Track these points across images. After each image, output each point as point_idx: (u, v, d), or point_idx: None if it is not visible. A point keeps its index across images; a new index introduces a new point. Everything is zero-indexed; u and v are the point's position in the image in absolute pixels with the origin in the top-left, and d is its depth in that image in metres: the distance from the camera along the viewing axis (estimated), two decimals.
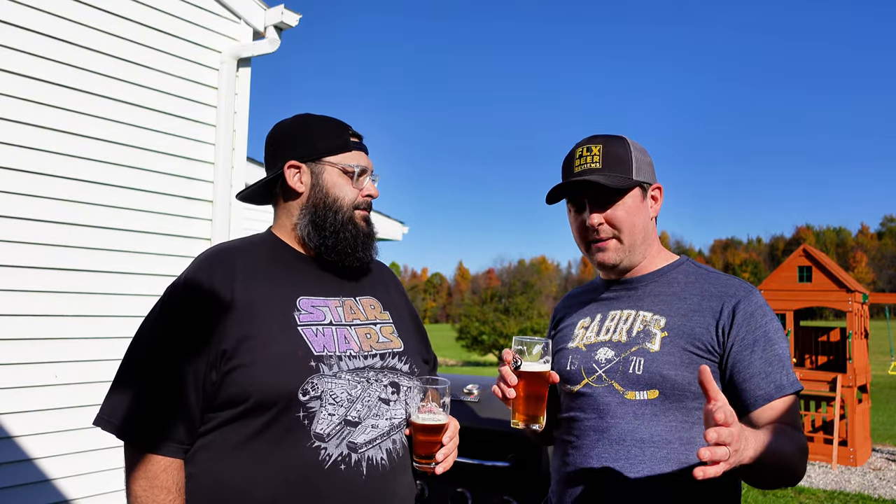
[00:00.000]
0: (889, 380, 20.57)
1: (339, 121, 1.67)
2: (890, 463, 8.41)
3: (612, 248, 1.67)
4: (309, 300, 1.55)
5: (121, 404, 1.42)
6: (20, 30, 3.45)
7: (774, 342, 1.55)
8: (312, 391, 1.42)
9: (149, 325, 1.48)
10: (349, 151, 1.62)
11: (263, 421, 1.40)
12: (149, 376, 1.42)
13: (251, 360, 1.41)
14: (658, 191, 1.72)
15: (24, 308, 3.46)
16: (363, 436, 1.46)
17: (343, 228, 1.58)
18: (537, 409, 1.56)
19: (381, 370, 1.54)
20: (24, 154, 3.46)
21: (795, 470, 1.45)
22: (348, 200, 1.60)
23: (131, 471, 1.40)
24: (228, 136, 4.34)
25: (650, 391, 1.55)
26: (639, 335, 1.62)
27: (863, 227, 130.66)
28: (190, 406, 1.41)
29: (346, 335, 1.54)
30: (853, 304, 8.37)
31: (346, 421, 1.45)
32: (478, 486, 2.65)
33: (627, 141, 1.69)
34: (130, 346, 1.48)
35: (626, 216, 1.65)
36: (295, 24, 4.51)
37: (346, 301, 1.61)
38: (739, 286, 1.62)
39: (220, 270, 1.50)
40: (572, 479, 1.63)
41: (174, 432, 1.40)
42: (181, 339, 1.43)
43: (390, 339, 1.62)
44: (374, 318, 1.62)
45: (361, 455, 1.45)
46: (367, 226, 1.64)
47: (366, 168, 1.63)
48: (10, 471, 3.38)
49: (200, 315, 1.44)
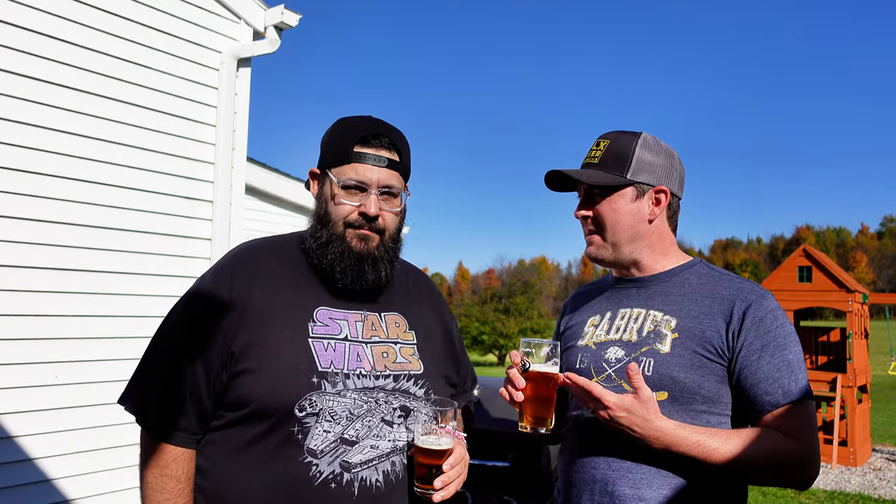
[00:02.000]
0: (889, 380, 20.57)
1: (365, 126, 1.55)
2: (890, 463, 8.41)
3: (596, 244, 1.70)
4: (328, 311, 1.52)
5: (141, 392, 1.48)
6: (20, 30, 3.44)
7: (784, 347, 1.53)
8: (310, 408, 1.42)
9: (172, 320, 1.52)
10: (348, 164, 1.51)
11: (260, 430, 1.42)
12: (168, 369, 1.46)
13: (256, 367, 1.42)
14: (663, 194, 1.67)
15: (24, 308, 3.46)
16: (359, 455, 1.44)
17: (328, 244, 1.52)
18: (545, 411, 1.55)
19: (392, 392, 1.50)
20: (24, 154, 3.46)
21: (766, 476, 1.50)
22: (338, 216, 1.52)
23: (145, 459, 1.46)
24: (228, 136, 4.34)
25: (659, 392, 1.55)
26: (649, 335, 1.61)
27: (863, 227, 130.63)
28: (202, 400, 1.45)
29: (360, 353, 1.50)
30: (853, 304, 8.37)
31: (342, 439, 1.43)
32: (478, 486, 2.65)
33: (639, 139, 1.67)
34: (154, 338, 1.53)
35: (611, 214, 1.65)
36: (295, 25, 4.51)
37: (369, 316, 1.56)
38: (751, 290, 1.60)
39: (241, 273, 1.51)
40: (578, 479, 1.62)
41: (186, 423, 1.44)
42: (197, 338, 1.46)
43: (409, 360, 1.56)
44: (395, 337, 1.57)
45: (354, 475, 1.43)
46: (362, 245, 1.52)
47: (364, 183, 1.51)
48: (10, 471, 3.38)
49: (215, 316, 1.46)
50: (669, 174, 1.69)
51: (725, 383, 1.55)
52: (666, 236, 1.72)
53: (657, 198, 1.68)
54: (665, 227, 1.72)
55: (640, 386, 1.46)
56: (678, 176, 1.71)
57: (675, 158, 1.71)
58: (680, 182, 1.73)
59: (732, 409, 1.56)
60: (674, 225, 1.75)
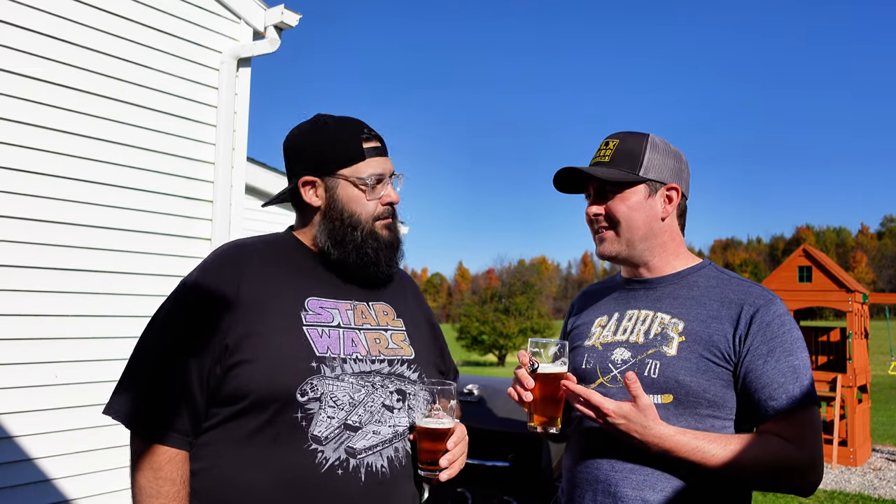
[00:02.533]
0: (889, 380, 20.57)
1: (354, 123, 1.60)
2: (890, 463, 8.41)
3: (609, 240, 1.69)
4: (318, 301, 1.53)
5: (129, 395, 1.43)
6: (20, 30, 3.44)
7: (791, 353, 1.53)
8: (311, 392, 1.41)
9: (159, 319, 1.49)
10: (363, 160, 1.55)
11: (262, 420, 1.40)
12: (156, 369, 1.42)
13: (252, 357, 1.41)
14: (674, 191, 1.68)
15: (24, 308, 3.46)
16: (363, 441, 1.44)
17: (364, 244, 1.54)
18: (555, 410, 1.55)
19: (387, 376, 1.52)
20: (24, 154, 3.46)
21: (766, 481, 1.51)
22: (366, 215, 1.55)
23: (137, 462, 1.40)
24: (228, 136, 4.34)
25: (664, 395, 1.54)
26: (656, 337, 1.61)
27: (863, 227, 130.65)
28: (195, 399, 1.41)
29: (354, 338, 1.52)
30: (853, 304, 8.37)
31: (346, 425, 1.43)
32: (478, 486, 2.65)
33: (648, 139, 1.68)
34: (140, 339, 1.49)
35: (625, 210, 1.65)
36: (295, 24, 4.50)
37: (358, 305, 1.58)
38: (760, 294, 1.59)
39: (229, 267, 1.50)
40: (582, 479, 1.63)
41: (180, 424, 1.40)
42: (187, 335, 1.43)
43: (401, 346, 1.59)
44: (385, 325, 1.60)
45: (360, 461, 1.43)
46: (390, 234, 1.58)
47: (382, 175, 1.57)
48: (10, 471, 3.38)
49: (206, 311, 1.44)
50: (679, 174, 1.70)
51: (731, 388, 1.55)
52: (676, 236, 1.72)
53: (669, 195, 1.68)
54: (675, 227, 1.72)
55: (638, 394, 1.47)
56: (686, 176, 1.73)
57: (682, 160, 1.72)
58: (687, 182, 1.74)
59: (737, 413, 1.56)
60: (682, 225, 1.75)
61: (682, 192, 1.70)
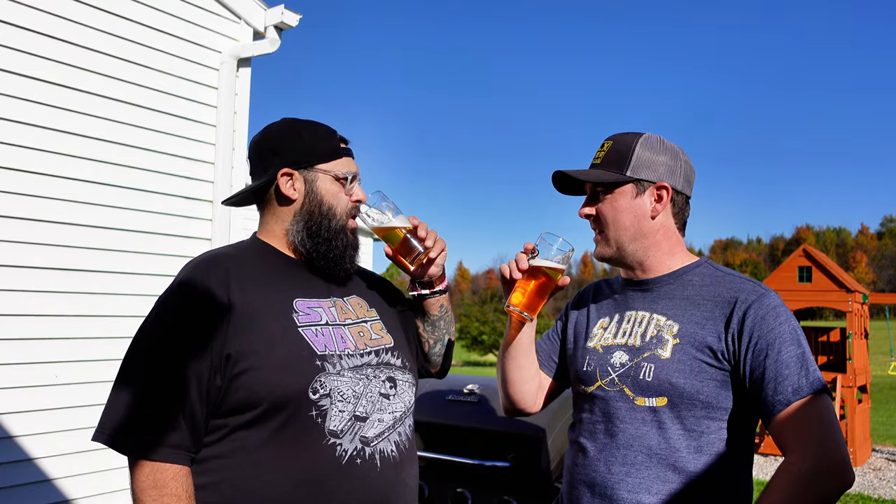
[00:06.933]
0: (889, 380, 20.57)
1: (327, 126, 1.68)
2: (890, 463, 8.41)
3: (600, 243, 1.70)
4: (304, 302, 1.56)
5: (122, 415, 1.37)
6: (20, 30, 3.44)
7: (790, 343, 1.49)
8: (321, 389, 1.45)
9: (147, 331, 1.45)
10: (340, 158, 1.64)
11: (277, 423, 1.41)
12: (151, 382, 1.38)
13: (259, 364, 1.41)
14: (664, 190, 1.64)
15: (24, 308, 3.46)
16: (373, 430, 1.50)
17: (335, 237, 1.61)
18: (536, 301, 1.63)
19: (377, 366, 1.57)
20: (24, 154, 3.46)
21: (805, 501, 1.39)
22: (342, 209, 1.62)
23: (139, 482, 1.35)
24: (228, 137, 4.34)
25: (659, 398, 1.54)
26: (652, 340, 1.60)
27: (863, 227, 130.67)
28: (195, 411, 1.38)
29: (343, 335, 1.56)
30: (853, 305, 8.37)
31: (356, 416, 1.48)
32: (478, 486, 2.65)
33: (641, 138, 1.66)
34: (127, 356, 1.43)
35: (611, 211, 1.65)
36: (295, 25, 4.51)
37: (337, 302, 1.63)
38: (752, 290, 1.57)
39: (214, 274, 1.48)
40: (581, 481, 1.63)
41: (181, 439, 1.36)
42: (181, 342, 1.40)
43: (381, 335, 1.65)
44: (363, 317, 1.66)
45: (374, 448, 1.49)
46: (353, 237, 1.66)
47: (356, 174, 1.67)
48: (10, 471, 3.38)
49: (200, 317, 1.42)
50: (672, 171, 1.66)
51: (726, 388, 1.53)
52: (672, 235, 1.69)
53: (658, 194, 1.65)
54: (671, 225, 1.68)
55: None
56: (683, 173, 1.68)
57: (679, 157, 1.68)
58: (686, 179, 1.69)
59: (733, 413, 1.54)
60: (681, 224, 1.71)
61: (678, 190, 1.67)
